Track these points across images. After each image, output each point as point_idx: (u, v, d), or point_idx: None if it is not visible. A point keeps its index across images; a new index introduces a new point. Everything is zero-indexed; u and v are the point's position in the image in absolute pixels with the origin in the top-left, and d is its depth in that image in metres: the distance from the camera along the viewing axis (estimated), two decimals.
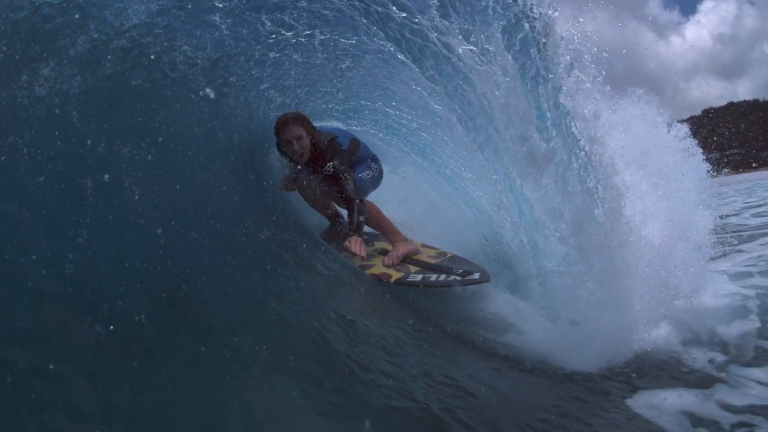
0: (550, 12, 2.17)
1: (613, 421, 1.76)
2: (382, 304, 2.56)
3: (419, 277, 2.77)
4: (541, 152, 2.17)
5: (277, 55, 3.19)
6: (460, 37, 2.28)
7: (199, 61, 3.09)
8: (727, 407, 1.86)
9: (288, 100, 4.00)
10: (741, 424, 1.74)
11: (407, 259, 3.04)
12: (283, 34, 2.88)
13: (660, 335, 2.35)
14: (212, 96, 3.21)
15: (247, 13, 2.80)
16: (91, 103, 2.33)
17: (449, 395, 1.58)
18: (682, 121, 4.30)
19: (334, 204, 3.51)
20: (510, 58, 2.24)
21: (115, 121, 2.37)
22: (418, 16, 2.34)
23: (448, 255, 3.18)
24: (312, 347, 1.58)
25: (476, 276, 2.71)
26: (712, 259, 3.62)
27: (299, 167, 3.25)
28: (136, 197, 1.96)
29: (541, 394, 1.90)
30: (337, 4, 2.72)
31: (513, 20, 2.24)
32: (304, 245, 2.82)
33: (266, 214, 3.11)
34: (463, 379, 1.78)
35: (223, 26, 2.92)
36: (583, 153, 2.18)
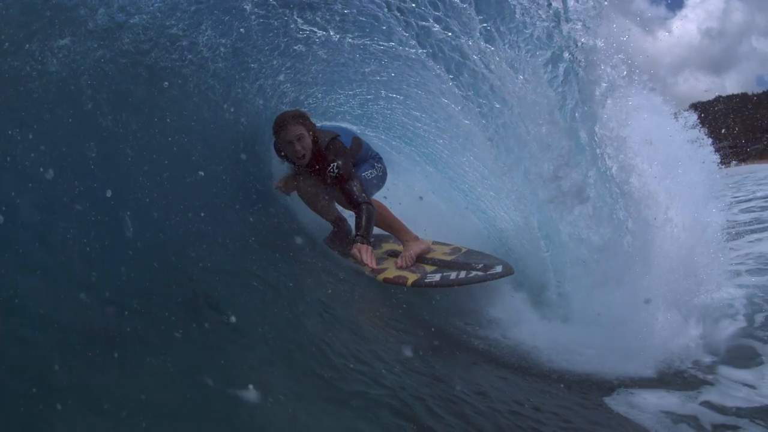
0: (593, 42, 2.16)
1: (592, 418, 1.74)
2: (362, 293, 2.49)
3: (437, 276, 2.54)
4: (577, 187, 2.17)
5: (303, 48, 3.10)
6: (504, 64, 2.26)
7: (222, 48, 2.99)
8: (711, 408, 1.83)
9: (302, 97, 3.90)
10: (724, 426, 1.71)
11: (420, 258, 2.84)
12: (315, 32, 2.80)
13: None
14: (227, 79, 3.13)
15: (281, 9, 2.72)
16: (104, 76, 2.24)
17: (423, 385, 1.55)
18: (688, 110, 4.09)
19: (336, 207, 3.31)
20: (552, 88, 2.23)
21: (125, 96, 2.31)
22: (463, 37, 2.30)
23: (463, 250, 2.98)
24: (289, 333, 1.56)
25: (499, 269, 2.49)
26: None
27: (299, 169, 3.04)
28: (138, 176, 1.88)
29: (519, 391, 1.85)
30: (374, 11, 2.66)
31: (557, 51, 2.24)
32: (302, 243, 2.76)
33: (265, 209, 3.03)
34: (439, 372, 1.75)
35: (253, 16, 2.83)
36: (615, 186, 2.18)
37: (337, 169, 2.76)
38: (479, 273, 2.50)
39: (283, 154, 2.97)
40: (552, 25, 2.26)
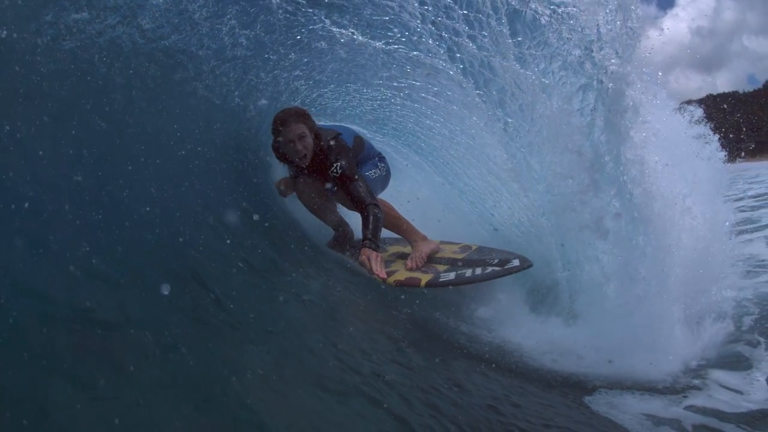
0: (624, 69, 2.18)
1: (572, 417, 1.72)
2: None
3: (452, 275, 2.41)
4: (598, 216, 2.18)
5: (325, 46, 3.05)
6: (536, 87, 2.26)
7: (243, 39, 2.92)
8: (696, 412, 1.80)
9: (314, 95, 3.83)
10: (704, 427, 1.68)
11: (431, 258, 2.72)
12: (341, 32, 2.76)
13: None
14: (243, 67, 3.05)
15: (310, 9, 2.67)
16: (119, 52, 2.20)
17: (400, 374, 1.55)
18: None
19: (338, 211, 3.18)
20: (582, 116, 2.25)
21: (138, 75, 2.26)
22: (495, 57, 2.30)
23: (474, 247, 2.86)
24: (270, 322, 1.55)
25: (516, 263, 2.38)
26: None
27: (298, 170, 2.89)
28: (138, 164, 1.81)
29: (498, 389, 1.81)
30: (407, 21, 2.62)
31: (588, 79, 2.26)
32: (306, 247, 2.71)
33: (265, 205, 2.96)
34: (417, 363, 1.73)
35: (280, 11, 2.77)
36: (637, 211, 2.19)
37: (340, 169, 2.62)
38: (496, 268, 2.38)
39: (281, 153, 2.80)
40: (584, 53, 2.28)
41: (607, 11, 2.26)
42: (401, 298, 2.47)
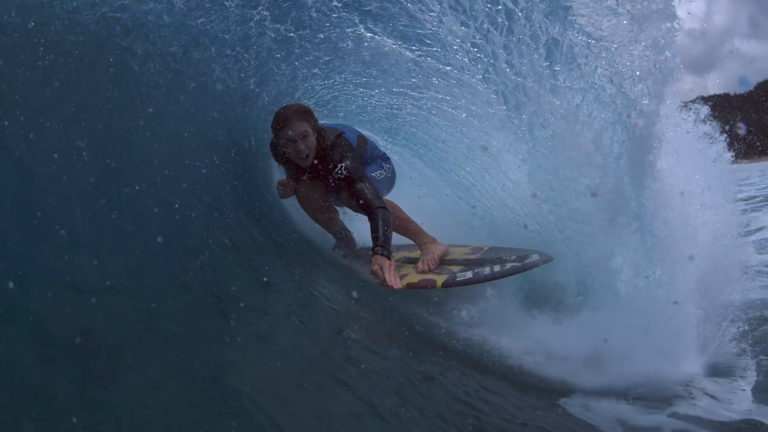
0: (655, 107, 2.18)
1: (544, 417, 1.70)
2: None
3: (469, 273, 2.30)
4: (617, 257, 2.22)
5: (351, 46, 3.00)
6: (569, 117, 2.29)
7: (271, 32, 2.85)
8: (674, 417, 1.76)
9: (329, 96, 3.77)
10: None
11: (442, 261, 2.60)
12: (373, 37, 2.73)
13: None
14: (264, 57, 2.95)
15: (344, 13, 2.63)
16: (139, 27, 2.11)
17: (371, 362, 1.54)
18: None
19: (341, 219, 3.04)
20: (612, 154, 2.30)
21: (157, 53, 2.17)
22: (532, 84, 2.31)
23: (485, 248, 2.74)
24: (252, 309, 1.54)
25: (536, 258, 2.32)
26: None
27: (298, 172, 2.74)
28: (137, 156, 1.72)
29: (472, 384, 1.77)
30: (445, 38, 2.58)
31: (621, 115, 2.30)
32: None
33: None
34: (392, 353, 1.71)
35: (313, 9, 2.71)
36: (657, 243, 2.21)
37: (345, 169, 2.46)
38: (515, 264, 2.30)
39: (280, 152, 2.62)
40: (617, 89, 2.32)
41: (642, 47, 2.30)
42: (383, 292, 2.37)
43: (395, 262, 2.68)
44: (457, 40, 2.46)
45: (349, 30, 2.85)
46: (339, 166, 2.48)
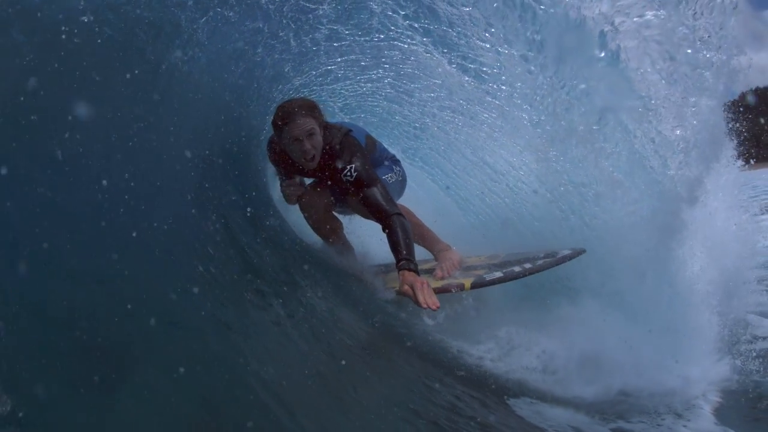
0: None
1: (488, 417, 1.61)
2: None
3: (498, 273, 2.16)
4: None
5: (398, 56, 2.95)
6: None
7: (325, 30, 2.75)
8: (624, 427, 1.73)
9: (354, 103, 3.67)
10: None
11: (460, 268, 2.44)
12: (434, 57, 2.71)
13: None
14: (305, 52, 2.86)
15: (409, 31, 2.59)
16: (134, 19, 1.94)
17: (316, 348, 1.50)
18: None
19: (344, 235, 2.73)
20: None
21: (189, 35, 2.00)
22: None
23: (502, 255, 2.61)
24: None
25: (567, 252, 2.24)
26: None
27: (297, 175, 2.50)
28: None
29: (415, 384, 1.66)
30: (484, 53, 2.62)
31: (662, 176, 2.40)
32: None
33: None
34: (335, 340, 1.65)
35: (375, 18, 2.66)
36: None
37: (354, 171, 2.19)
38: (548, 260, 2.20)
39: (279, 152, 2.37)
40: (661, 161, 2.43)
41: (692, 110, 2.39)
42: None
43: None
44: (519, 84, 2.48)
45: (404, 44, 2.80)
46: (347, 168, 2.20)
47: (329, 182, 2.36)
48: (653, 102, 2.35)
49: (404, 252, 2.04)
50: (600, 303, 2.24)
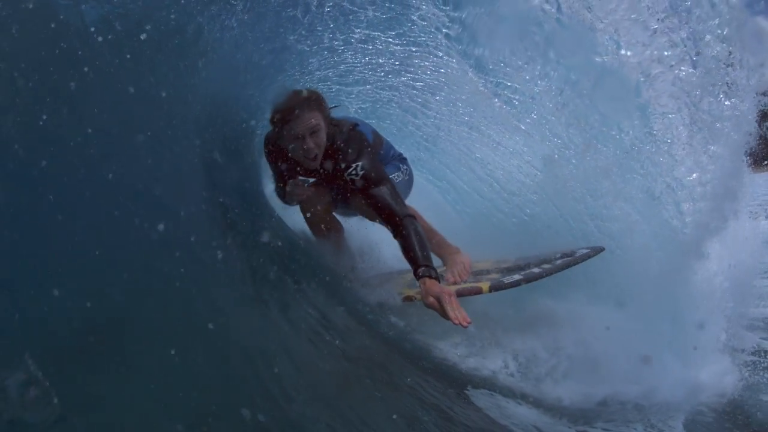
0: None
1: (449, 411, 1.58)
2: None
3: (517, 275, 2.08)
4: None
5: (426, 67, 2.95)
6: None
7: (359, 34, 2.70)
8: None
9: (370, 109, 3.59)
10: None
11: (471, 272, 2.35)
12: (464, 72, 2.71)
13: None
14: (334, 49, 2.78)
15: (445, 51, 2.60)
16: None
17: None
18: None
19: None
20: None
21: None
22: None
23: (512, 259, 2.51)
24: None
25: (585, 250, 2.22)
26: None
27: (297, 175, 2.29)
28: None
29: (374, 379, 1.60)
30: (522, 83, 2.66)
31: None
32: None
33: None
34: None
35: (415, 27, 2.63)
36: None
37: (361, 170, 2.00)
38: (566, 259, 2.15)
39: (278, 150, 2.17)
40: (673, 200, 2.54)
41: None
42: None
43: (414, 292, 2.21)
44: (551, 118, 2.53)
45: (437, 57, 2.78)
46: (354, 165, 2.01)
47: (331, 181, 2.23)
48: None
49: (421, 259, 1.85)
50: (606, 310, 2.25)
